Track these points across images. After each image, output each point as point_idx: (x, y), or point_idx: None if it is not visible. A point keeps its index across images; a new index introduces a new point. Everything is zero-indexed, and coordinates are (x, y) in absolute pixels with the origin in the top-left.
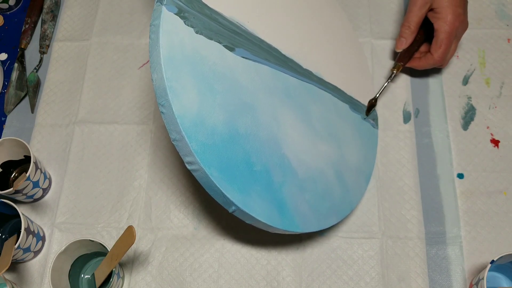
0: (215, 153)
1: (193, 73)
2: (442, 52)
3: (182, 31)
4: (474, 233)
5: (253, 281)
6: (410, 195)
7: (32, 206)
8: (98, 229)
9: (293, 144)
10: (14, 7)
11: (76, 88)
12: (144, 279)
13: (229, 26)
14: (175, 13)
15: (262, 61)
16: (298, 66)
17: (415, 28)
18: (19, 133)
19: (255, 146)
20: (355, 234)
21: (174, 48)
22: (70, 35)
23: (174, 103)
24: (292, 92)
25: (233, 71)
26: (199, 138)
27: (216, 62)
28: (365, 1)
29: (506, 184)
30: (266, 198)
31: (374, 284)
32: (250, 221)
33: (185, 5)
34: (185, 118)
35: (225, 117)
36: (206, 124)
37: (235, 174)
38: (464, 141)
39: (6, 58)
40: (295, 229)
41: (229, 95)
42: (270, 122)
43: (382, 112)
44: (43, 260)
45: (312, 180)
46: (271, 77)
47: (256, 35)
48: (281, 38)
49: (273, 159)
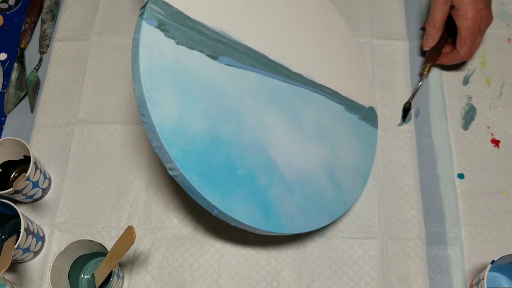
0: (195, 159)
1: (173, 83)
2: (468, 48)
3: (163, 43)
4: (475, 233)
5: (253, 281)
6: (410, 195)
7: (31, 206)
8: (98, 229)
9: (281, 147)
10: (13, 7)
11: (76, 88)
12: (144, 279)
13: (213, 35)
14: (156, 26)
15: (248, 68)
16: (287, 70)
17: (440, 26)
18: (18, 133)
19: (238, 150)
20: (355, 235)
21: (153, 60)
22: (70, 35)
23: (153, 113)
24: (280, 96)
25: (216, 79)
26: (179, 145)
27: (198, 71)
28: (366, 1)
29: (506, 184)
30: (250, 201)
31: (374, 284)
32: (234, 223)
33: (166, 18)
34: (164, 127)
35: (207, 124)
36: (186, 131)
37: (217, 178)
38: (464, 141)
39: (5, 58)
40: (282, 230)
41: (211, 102)
42: (256, 127)
43: (382, 112)
44: (42, 260)
45: (301, 182)
46: (258, 83)
47: (241, 43)
48: (268, 43)
49: (259, 162)
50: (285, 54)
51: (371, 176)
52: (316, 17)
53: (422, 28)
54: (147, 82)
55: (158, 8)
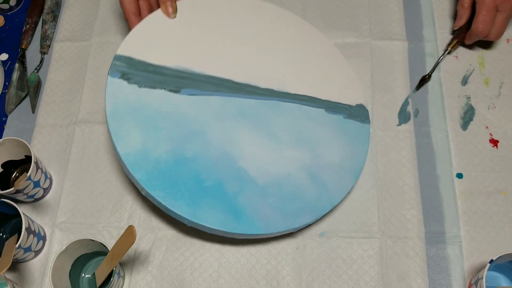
0: (160, 179)
1: (136, 119)
2: (480, 21)
3: (126, 89)
4: (474, 233)
5: (253, 280)
6: (409, 195)
7: (33, 205)
8: (99, 229)
9: (251, 157)
10: (15, 7)
11: (77, 88)
12: (144, 278)
13: (174, 73)
14: (119, 77)
15: (212, 93)
16: (255, 88)
17: (468, 5)
18: (20, 133)
19: (205, 165)
20: (355, 234)
21: (118, 104)
22: (71, 35)
23: (118, 146)
24: (248, 112)
25: (179, 108)
26: (144, 168)
27: (161, 104)
28: (365, 2)
29: (505, 184)
30: (219, 208)
31: (373, 283)
32: (206, 230)
33: (128, 69)
34: (129, 156)
35: (171, 147)
36: (150, 156)
37: (182, 191)
38: (463, 141)
39: (7, 58)
40: (256, 231)
41: (175, 128)
42: (222, 142)
43: (381, 112)
44: (43, 259)
45: (277, 185)
46: (223, 104)
47: (204, 74)
48: (233, 68)
49: (228, 173)
50: (252, 74)
51: (371, 175)
52: (283, 30)
53: (454, 31)
54: (112, 122)
55: (121, 63)
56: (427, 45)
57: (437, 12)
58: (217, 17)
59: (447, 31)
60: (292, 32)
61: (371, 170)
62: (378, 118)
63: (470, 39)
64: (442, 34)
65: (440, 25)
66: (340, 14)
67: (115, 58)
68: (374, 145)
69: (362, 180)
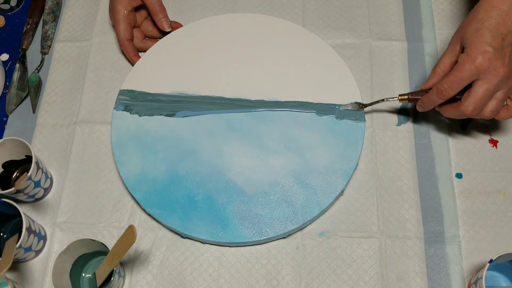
0: (156, 197)
1: (137, 145)
2: (470, 103)
3: (128, 119)
4: (473, 233)
5: (253, 279)
6: (409, 195)
7: (33, 205)
8: (99, 229)
9: (240, 168)
10: (15, 7)
11: (77, 88)
12: (145, 278)
13: (170, 99)
14: (123, 110)
15: (204, 112)
16: (246, 101)
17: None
18: (20, 133)
19: (196, 181)
20: (354, 234)
21: (121, 133)
22: (71, 36)
23: (121, 170)
24: (238, 125)
25: (174, 131)
26: (142, 189)
27: (158, 129)
28: (364, 2)
29: (504, 184)
30: (207, 219)
31: (373, 283)
32: (197, 240)
33: (131, 101)
34: (130, 178)
35: (166, 167)
36: (148, 177)
37: (175, 207)
38: (462, 141)
39: (7, 58)
40: (243, 239)
41: (170, 149)
42: (213, 158)
43: (381, 112)
44: (44, 259)
45: (264, 193)
46: (214, 122)
47: (198, 95)
48: (224, 86)
49: (217, 186)
50: (243, 88)
51: (370, 175)
52: (274, 39)
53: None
54: (116, 150)
55: (124, 97)
56: (426, 45)
57: (436, 12)
58: (209, 38)
59: (447, 32)
60: (283, 39)
61: (371, 170)
62: (377, 118)
63: (451, 115)
64: (442, 34)
65: (439, 25)
66: (339, 15)
67: (120, 93)
68: (374, 145)
69: (361, 180)
